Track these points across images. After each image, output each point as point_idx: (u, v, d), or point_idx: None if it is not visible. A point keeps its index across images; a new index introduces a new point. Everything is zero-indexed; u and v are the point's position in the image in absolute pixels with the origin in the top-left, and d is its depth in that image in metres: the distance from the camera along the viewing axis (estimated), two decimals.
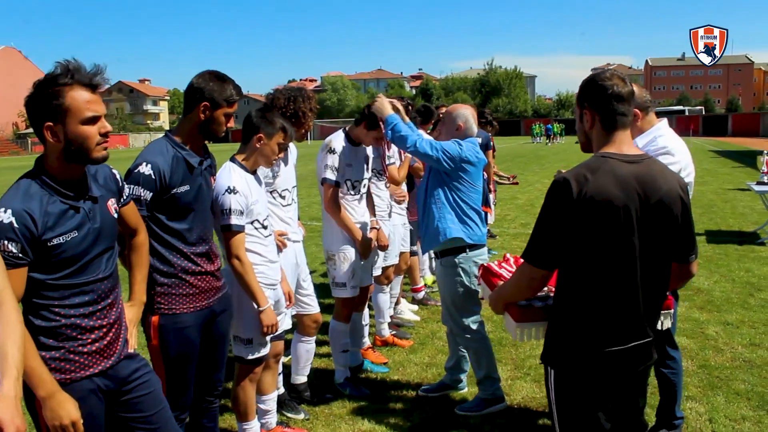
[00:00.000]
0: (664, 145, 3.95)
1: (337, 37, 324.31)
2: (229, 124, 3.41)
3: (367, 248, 4.97)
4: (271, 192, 4.31)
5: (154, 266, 3.22)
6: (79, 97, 2.45)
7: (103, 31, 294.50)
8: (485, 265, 3.47)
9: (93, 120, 2.49)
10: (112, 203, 2.74)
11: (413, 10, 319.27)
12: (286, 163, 4.43)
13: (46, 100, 2.42)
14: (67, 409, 2.39)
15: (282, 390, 4.69)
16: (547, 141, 56.52)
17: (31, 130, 2.63)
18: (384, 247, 5.26)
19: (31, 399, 2.47)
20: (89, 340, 2.59)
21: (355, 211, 4.98)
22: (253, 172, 3.81)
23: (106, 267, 2.66)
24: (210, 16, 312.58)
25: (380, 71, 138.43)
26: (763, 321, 6.59)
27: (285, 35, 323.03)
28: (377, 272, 5.49)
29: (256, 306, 3.68)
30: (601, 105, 2.57)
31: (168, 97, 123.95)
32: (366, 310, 5.59)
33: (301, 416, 4.65)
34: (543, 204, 2.55)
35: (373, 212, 5.27)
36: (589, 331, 2.54)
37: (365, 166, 5.06)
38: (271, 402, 4.26)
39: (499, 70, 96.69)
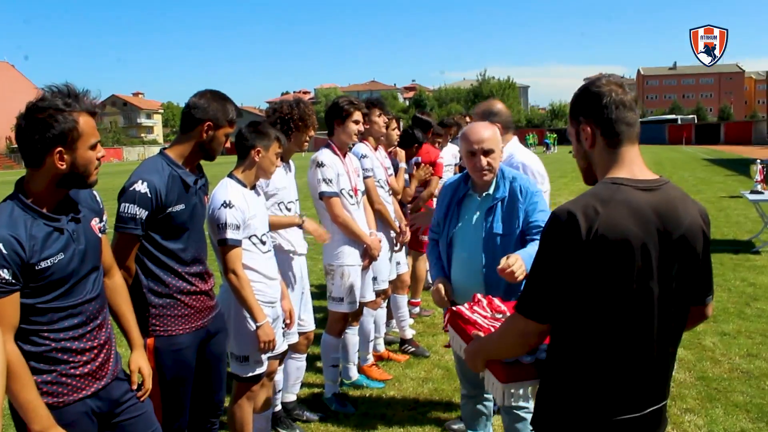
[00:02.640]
0: (522, 161, 4.18)
1: (330, 50, 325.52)
2: (227, 144, 3.40)
3: (375, 251, 5.00)
4: (278, 204, 4.32)
5: (149, 287, 3.18)
6: (89, 122, 2.47)
7: (96, 45, 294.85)
8: (454, 309, 2.82)
9: (95, 146, 2.50)
10: (95, 222, 2.70)
11: (406, 22, 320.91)
12: (288, 174, 4.47)
13: (57, 126, 2.38)
14: None
15: (279, 407, 4.64)
16: (545, 150, 56.64)
17: None
18: (374, 258, 5.15)
19: (24, 430, 2.42)
20: (80, 363, 2.55)
21: (356, 218, 4.96)
22: (252, 188, 3.79)
23: (93, 287, 2.62)
24: (203, 29, 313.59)
25: (374, 83, 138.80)
26: (760, 331, 6.57)
27: (278, 47, 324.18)
28: (372, 296, 5.35)
29: (253, 322, 3.64)
30: (600, 115, 2.12)
31: (162, 111, 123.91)
32: (372, 324, 5.56)
33: None
34: (540, 242, 2.08)
35: (372, 223, 5.25)
36: (595, 395, 2.08)
37: (354, 175, 5.05)
38: (264, 420, 4.21)
39: (492, 80, 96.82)
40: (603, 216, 1.97)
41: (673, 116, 76.22)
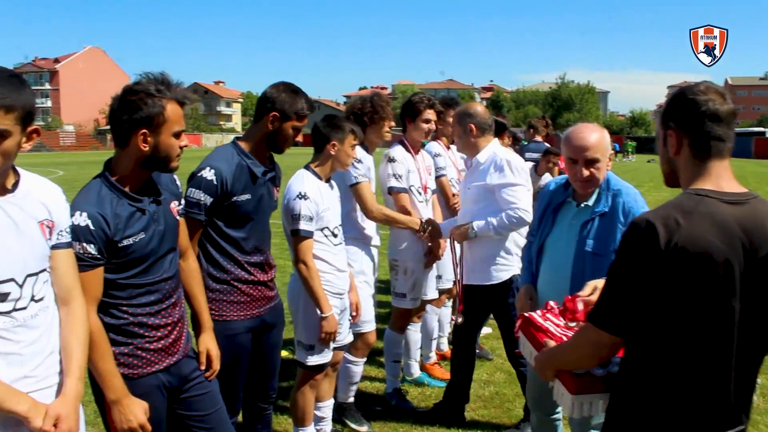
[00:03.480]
0: (505, 157, 4.38)
1: (408, 46, 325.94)
2: (297, 138, 3.42)
3: (440, 250, 4.98)
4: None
5: (208, 272, 3.28)
6: (176, 110, 2.58)
7: (182, 34, 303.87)
8: (526, 315, 2.76)
9: (179, 134, 2.60)
10: (174, 205, 2.80)
11: (485, 21, 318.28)
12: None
13: (146, 108, 2.50)
14: (134, 412, 2.50)
15: (351, 399, 4.69)
16: (624, 158, 55.31)
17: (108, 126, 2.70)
18: (437, 257, 5.10)
19: (100, 396, 2.55)
20: (155, 338, 2.67)
21: (423, 215, 4.94)
22: (327, 180, 3.86)
23: (170, 267, 2.74)
24: (285, 18, 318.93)
25: (451, 81, 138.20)
26: None
27: (358, 41, 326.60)
28: (435, 294, 5.39)
29: (319, 312, 3.71)
30: (692, 125, 2.03)
31: (241, 100, 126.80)
32: (435, 322, 5.58)
33: (365, 428, 4.63)
34: (618, 253, 2.02)
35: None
36: (667, 413, 2.00)
37: (425, 172, 5.07)
38: (326, 409, 4.28)
39: (571, 84, 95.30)
40: (684, 228, 1.90)
41: (761, 129, 73.19)
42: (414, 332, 5.39)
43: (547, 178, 7.73)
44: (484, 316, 4.75)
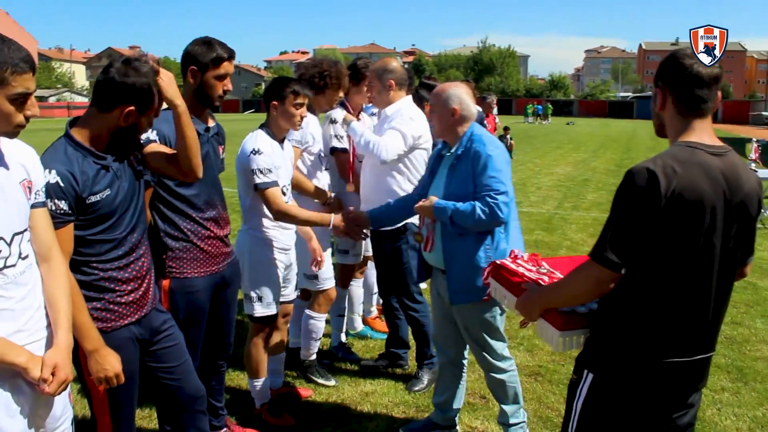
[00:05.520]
0: (410, 114, 4.63)
1: (329, 10, 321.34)
2: (225, 87, 3.40)
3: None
4: (313, 155, 4.65)
5: (165, 231, 3.35)
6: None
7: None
8: (497, 262, 2.98)
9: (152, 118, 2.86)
10: (134, 157, 2.91)
11: None
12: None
13: (144, 91, 2.69)
14: (110, 362, 2.61)
15: (314, 356, 4.85)
16: (542, 120, 56.69)
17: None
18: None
19: (76, 349, 2.65)
20: (126, 291, 2.79)
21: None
22: (281, 140, 4.01)
23: (134, 219, 2.84)
24: None
25: (373, 45, 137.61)
26: (745, 301, 6.90)
27: (277, 5, 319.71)
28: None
29: (326, 226, 4.11)
30: (676, 84, 2.27)
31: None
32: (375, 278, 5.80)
33: (332, 382, 4.80)
34: (618, 197, 2.21)
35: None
36: (650, 338, 2.24)
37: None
38: (277, 362, 4.47)
39: (492, 48, 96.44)
40: (681, 175, 2.13)
41: None
42: (357, 287, 5.62)
43: None
44: (387, 262, 4.77)
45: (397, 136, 4.47)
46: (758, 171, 11.58)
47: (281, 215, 3.86)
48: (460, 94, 3.71)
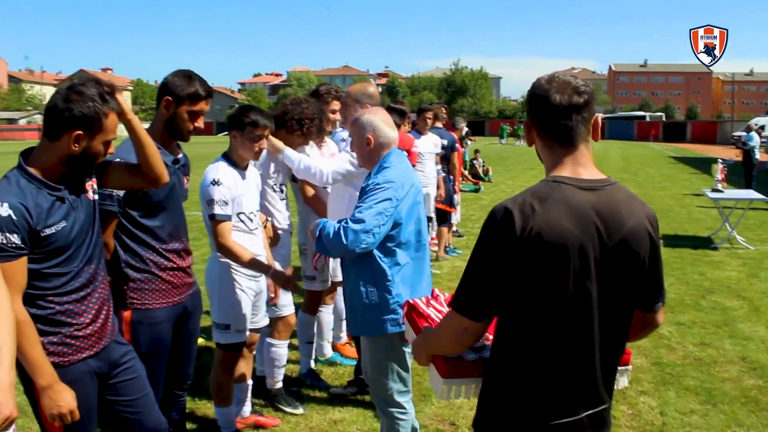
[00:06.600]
0: None
1: (303, 32, 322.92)
2: (197, 124, 3.40)
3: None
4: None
5: (127, 262, 3.29)
6: (114, 120, 2.76)
7: (65, 18, 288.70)
8: (410, 301, 2.77)
9: (108, 143, 2.78)
10: (89, 186, 2.85)
11: (381, 7, 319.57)
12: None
13: (88, 111, 2.61)
14: (65, 398, 2.54)
15: (279, 384, 4.79)
16: (515, 141, 57.19)
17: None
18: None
19: (29, 386, 2.58)
20: (83, 324, 2.73)
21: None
22: (244, 168, 3.98)
23: (90, 250, 2.78)
24: (175, 6, 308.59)
25: (347, 68, 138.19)
26: (713, 322, 6.94)
27: (251, 28, 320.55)
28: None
29: (264, 274, 3.96)
30: (535, 115, 2.08)
31: (131, 88, 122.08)
32: (342, 305, 5.75)
33: (300, 410, 4.72)
34: (477, 240, 2.02)
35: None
36: (531, 398, 2.02)
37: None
38: (243, 390, 4.41)
39: (465, 70, 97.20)
40: (539, 214, 1.93)
41: (641, 113, 77.18)
42: (326, 314, 5.57)
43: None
44: None
45: (344, 158, 4.48)
46: (724, 192, 11.79)
47: (224, 251, 3.78)
48: (374, 122, 3.53)
